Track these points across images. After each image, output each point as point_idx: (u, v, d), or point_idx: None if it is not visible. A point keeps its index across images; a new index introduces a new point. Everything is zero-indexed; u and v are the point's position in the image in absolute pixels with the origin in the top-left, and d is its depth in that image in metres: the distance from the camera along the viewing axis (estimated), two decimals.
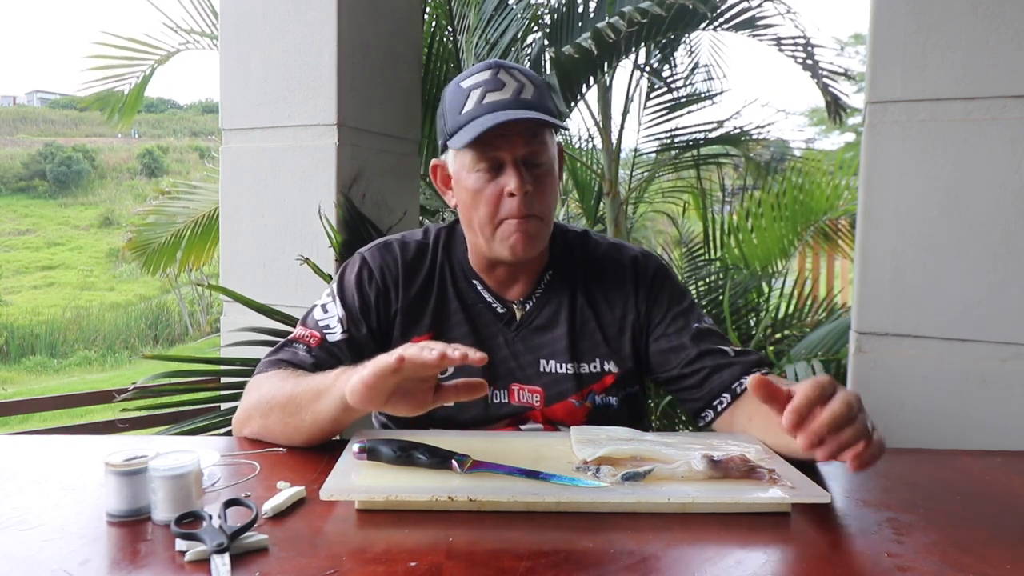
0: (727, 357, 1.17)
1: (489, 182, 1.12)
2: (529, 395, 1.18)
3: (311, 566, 0.70)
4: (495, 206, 1.12)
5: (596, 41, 2.52)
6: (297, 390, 1.02)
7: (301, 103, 2.12)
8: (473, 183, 1.13)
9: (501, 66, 1.14)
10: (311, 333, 1.18)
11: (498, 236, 1.14)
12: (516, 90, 1.12)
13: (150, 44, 3.92)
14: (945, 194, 1.61)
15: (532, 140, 1.11)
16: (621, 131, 4.01)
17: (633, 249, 1.28)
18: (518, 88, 1.12)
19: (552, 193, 1.15)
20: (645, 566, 0.70)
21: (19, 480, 0.92)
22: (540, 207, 1.13)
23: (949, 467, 1.05)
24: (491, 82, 1.12)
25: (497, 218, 1.13)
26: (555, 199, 1.16)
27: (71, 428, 3.44)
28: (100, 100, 4.07)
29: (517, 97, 1.11)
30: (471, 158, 1.13)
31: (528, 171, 1.12)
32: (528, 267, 1.22)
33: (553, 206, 1.16)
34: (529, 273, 1.23)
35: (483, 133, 1.07)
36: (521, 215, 1.11)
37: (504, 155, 1.11)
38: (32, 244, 22.31)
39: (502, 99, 1.11)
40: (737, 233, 3.69)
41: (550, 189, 1.14)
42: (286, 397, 1.03)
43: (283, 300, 2.09)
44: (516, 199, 1.10)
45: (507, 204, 1.11)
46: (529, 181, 1.11)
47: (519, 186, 1.09)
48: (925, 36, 1.61)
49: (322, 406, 0.97)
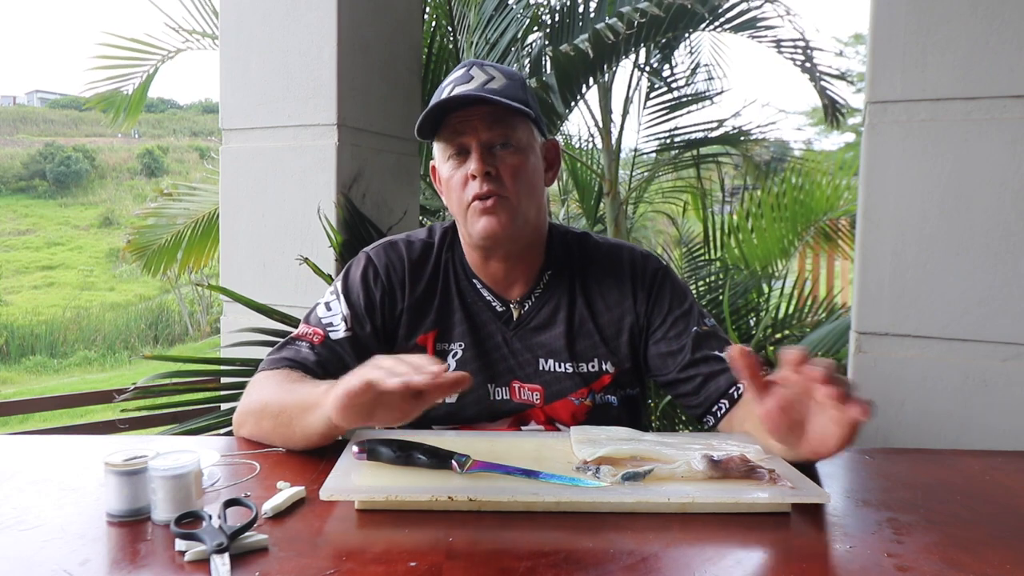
0: (723, 363, 1.16)
1: (457, 168, 1.15)
2: (529, 393, 1.19)
3: (311, 566, 0.70)
4: (462, 190, 1.15)
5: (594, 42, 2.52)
6: (287, 401, 1.01)
7: (301, 103, 2.12)
8: (446, 172, 1.17)
9: (475, 64, 1.18)
10: (314, 331, 1.18)
11: (469, 220, 1.15)
12: (483, 81, 1.14)
13: (152, 44, 3.93)
14: (945, 194, 1.61)
15: (495, 124, 1.13)
16: (621, 131, 4.01)
17: (634, 250, 1.28)
18: (486, 80, 1.14)
19: (521, 175, 1.14)
20: (645, 566, 0.70)
21: (19, 480, 0.92)
22: (506, 187, 1.13)
23: (949, 467, 1.05)
24: (462, 77, 1.16)
25: (464, 201, 1.15)
26: (527, 181, 1.15)
27: (71, 428, 3.44)
28: (104, 100, 4.07)
29: (482, 87, 1.13)
30: (441, 148, 1.17)
31: (494, 155, 1.13)
32: (525, 264, 1.22)
33: (526, 188, 1.15)
34: (527, 272, 1.23)
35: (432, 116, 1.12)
36: (481, 195, 1.12)
37: (468, 140, 1.14)
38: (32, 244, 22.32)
39: (466, 89, 1.13)
40: (737, 233, 3.69)
41: (519, 171, 1.14)
42: (277, 407, 1.03)
43: (283, 300, 2.09)
44: (477, 180, 1.12)
45: (471, 186, 1.14)
46: (492, 163, 1.12)
47: (478, 168, 1.12)
48: (925, 36, 1.61)
49: (310, 421, 0.97)
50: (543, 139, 1.21)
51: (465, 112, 1.13)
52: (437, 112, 1.13)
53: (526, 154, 1.16)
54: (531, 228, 1.19)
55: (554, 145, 1.24)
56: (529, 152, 1.16)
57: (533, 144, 1.18)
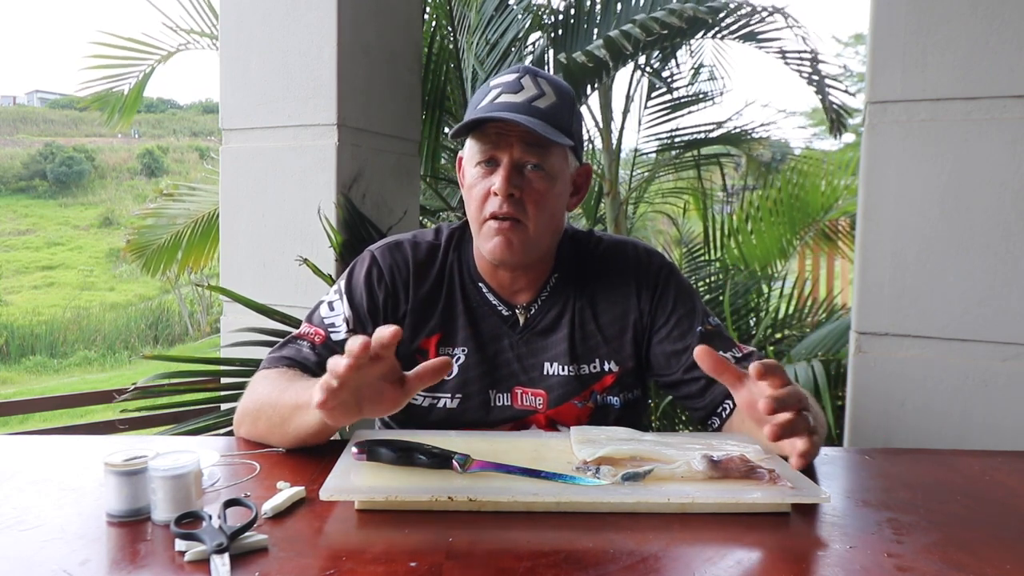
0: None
1: (483, 178, 1.13)
2: (532, 398, 1.18)
3: (311, 566, 0.70)
4: (483, 202, 1.13)
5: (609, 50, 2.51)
6: (281, 400, 1.01)
7: (301, 103, 2.12)
8: (470, 177, 1.15)
9: (529, 72, 1.14)
10: (315, 330, 1.18)
11: (483, 233, 1.14)
12: (531, 96, 1.11)
13: (149, 44, 3.92)
14: (945, 194, 1.61)
15: (531, 146, 1.10)
16: (621, 131, 4.01)
17: (638, 246, 1.27)
18: (535, 95, 1.11)
19: (545, 202, 1.12)
20: (645, 566, 0.70)
21: (19, 480, 0.92)
22: (526, 213, 1.11)
23: (949, 467, 1.05)
24: (512, 84, 1.12)
25: (482, 215, 1.13)
26: (549, 210, 1.13)
27: (71, 428, 3.45)
28: (99, 100, 4.06)
29: (528, 104, 1.10)
30: (473, 152, 1.14)
31: (522, 176, 1.11)
32: (533, 272, 1.21)
33: (546, 217, 1.13)
34: (534, 277, 1.21)
35: (472, 124, 1.10)
36: (500, 215, 1.11)
37: (500, 154, 1.11)
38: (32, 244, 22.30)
39: (512, 101, 1.10)
40: (737, 235, 3.69)
41: (543, 197, 1.12)
42: (271, 406, 1.02)
43: (283, 300, 2.09)
44: (498, 199, 1.10)
45: (491, 202, 1.11)
46: (518, 185, 1.10)
47: (503, 187, 1.09)
48: (925, 36, 1.61)
49: (303, 420, 0.97)
50: (578, 164, 1.19)
51: (505, 124, 1.09)
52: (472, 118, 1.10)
53: (554, 181, 1.13)
54: (543, 250, 1.18)
55: (587, 171, 1.21)
56: (558, 179, 1.14)
57: (564, 170, 1.15)
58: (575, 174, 1.19)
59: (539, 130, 1.06)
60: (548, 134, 1.07)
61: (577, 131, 1.16)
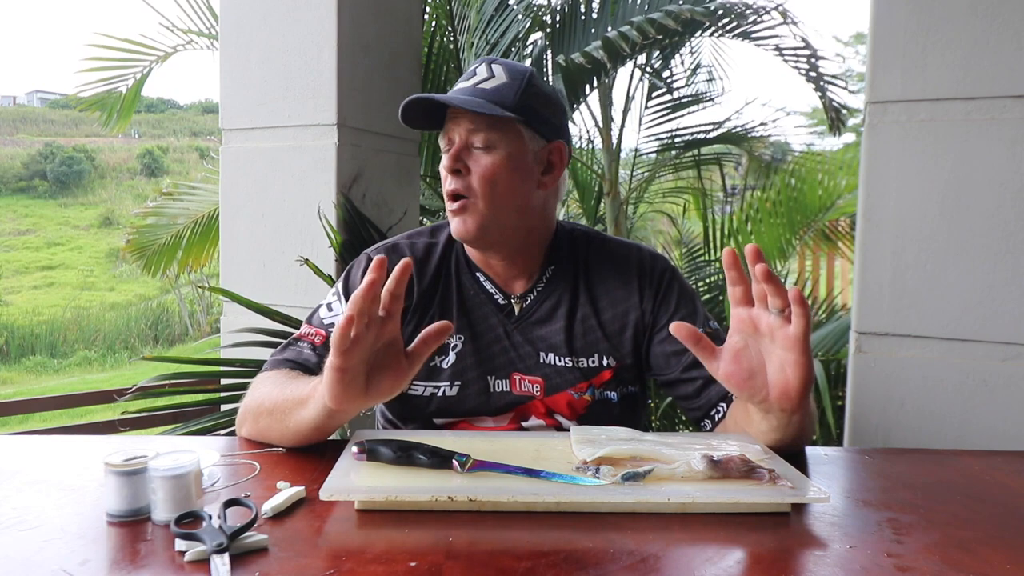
0: None
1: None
2: (530, 385, 1.19)
3: (311, 566, 0.70)
4: (444, 185, 1.17)
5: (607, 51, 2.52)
6: (283, 397, 1.02)
7: (301, 103, 2.12)
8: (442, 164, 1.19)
9: (487, 61, 1.19)
10: (316, 331, 1.19)
11: (448, 216, 1.19)
12: (479, 80, 1.15)
13: (146, 45, 3.92)
14: (945, 194, 1.61)
15: (477, 124, 1.14)
16: (621, 131, 4.01)
17: (642, 249, 1.29)
18: (484, 78, 1.15)
19: (494, 178, 1.14)
20: (645, 566, 0.70)
21: (19, 480, 0.92)
22: (474, 190, 1.14)
23: (949, 467, 1.05)
24: (468, 73, 1.18)
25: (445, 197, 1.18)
26: (503, 186, 1.14)
27: (71, 428, 3.44)
28: (97, 102, 4.06)
29: (474, 87, 1.15)
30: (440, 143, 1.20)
31: (471, 154, 1.15)
32: (526, 261, 1.23)
33: (498, 192, 1.14)
34: (529, 267, 1.24)
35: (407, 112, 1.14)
36: (450, 193, 1.15)
37: (452, 136, 1.16)
38: (32, 244, 22.30)
39: (462, 87, 1.16)
40: (737, 235, 3.69)
41: (491, 173, 1.13)
42: (273, 404, 1.03)
43: (283, 300, 2.09)
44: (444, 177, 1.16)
45: (446, 183, 1.17)
46: (464, 162, 1.14)
47: (447, 163, 1.14)
48: (925, 36, 1.61)
49: (304, 414, 0.97)
50: (545, 142, 1.19)
51: (455, 109, 1.15)
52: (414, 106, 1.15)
53: (504, 157, 1.14)
54: (512, 231, 1.19)
55: (558, 147, 1.21)
56: (510, 155, 1.15)
57: (521, 146, 1.16)
58: (543, 151, 1.19)
59: (475, 108, 1.10)
60: (483, 109, 1.10)
61: (536, 108, 1.17)
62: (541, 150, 1.19)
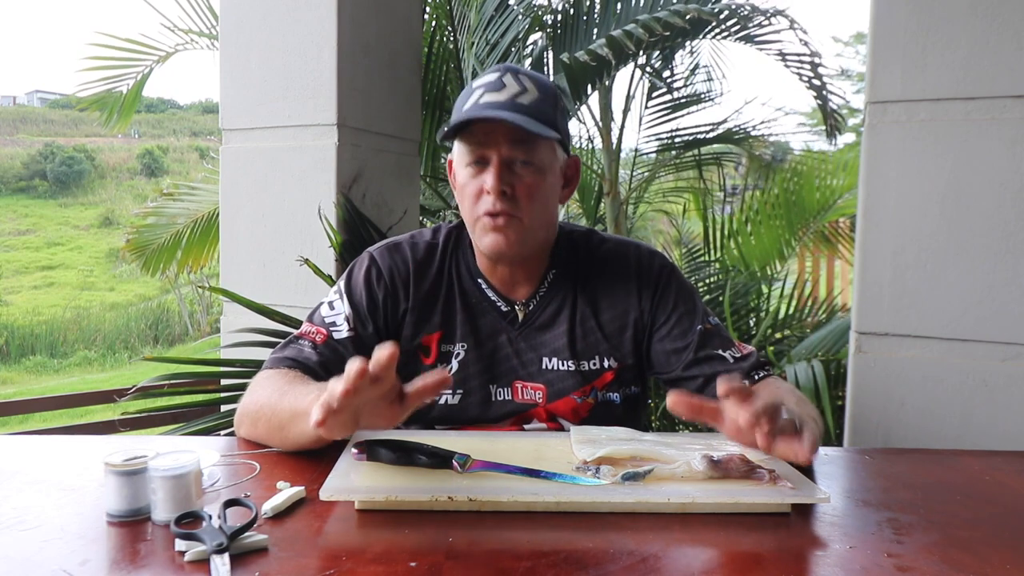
0: (726, 363, 1.17)
1: (474, 177, 1.14)
2: (532, 392, 1.19)
3: (311, 566, 0.70)
4: (476, 201, 1.14)
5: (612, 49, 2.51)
6: (280, 406, 1.01)
7: (301, 103, 2.12)
8: (462, 178, 1.16)
9: (510, 70, 1.15)
10: (317, 330, 1.18)
11: (478, 232, 1.15)
12: (514, 93, 1.12)
13: (147, 44, 3.92)
14: (945, 194, 1.61)
15: (518, 142, 1.11)
16: (621, 131, 4.01)
17: (640, 247, 1.28)
18: (517, 92, 1.12)
19: (537, 196, 1.13)
20: (645, 566, 0.70)
21: (19, 480, 0.92)
22: (520, 208, 1.12)
23: (949, 467, 1.05)
24: (494, 83, 1.13)
25: (476, 214, 1.14)
26: (542, 203, 1.15)
27: (71, 428, 3.44)
28: (97, 102, 4.06)
29: (512, 101, 1.11)
30: (462, 153, 1.15)
31: (513, 172, 1.12)
32: (531, 267, 1.22)
33: (539, 209, 1.14)
34: (532, 273, 1.23)
35: (459, 126, 1.10)
36: (494, 212, 1.12)
37: (489, 153, 1.12)
38: (32, 244, 22.29)
39: (496, 100, 1.11)
40: (736, 235, 3.69)
41: (534, 191, 1.13)
42: (272, 412, 1.02)
43: (283, 300, 2.09)
44: (491, 197, 1.11)
45: (485, 201, 1.13)
46: (509, 181, 1.11)
47: (495, 185, 1.10)
48: (925, 36, 1.61)
49: (300, 428, 0.95)
50: (566, 156, 1.20)
51: (490, 123, 1.10)
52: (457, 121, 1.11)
53: (545, 174, 1.14)
54: (539, 242, 1.19)
55: (575, 162, 1.23)
56: (548, 172, 1.15)
57: (554, 163, 1.16)
58: (564, 166, 1.20)
59: (525, 125, 1.08)
60: (534, 129, 1.08)
61: (562, 124, 1.17)
62: (563, 165, 1.20)
